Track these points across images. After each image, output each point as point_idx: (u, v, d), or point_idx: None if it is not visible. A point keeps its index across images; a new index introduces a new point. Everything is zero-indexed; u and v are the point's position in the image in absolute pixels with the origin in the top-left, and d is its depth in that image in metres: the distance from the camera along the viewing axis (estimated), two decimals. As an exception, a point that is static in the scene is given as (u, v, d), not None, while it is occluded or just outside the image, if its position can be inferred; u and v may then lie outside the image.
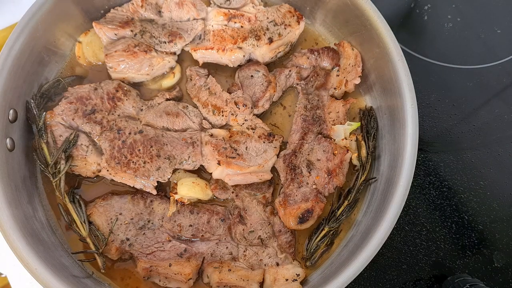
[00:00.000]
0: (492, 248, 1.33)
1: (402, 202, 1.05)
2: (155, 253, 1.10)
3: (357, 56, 1.25)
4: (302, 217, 1.13)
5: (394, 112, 1.15)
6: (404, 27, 1.54)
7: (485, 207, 1.36)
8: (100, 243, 1.09)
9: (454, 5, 1.56)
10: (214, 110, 1.20)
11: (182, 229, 1.12)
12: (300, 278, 1.09)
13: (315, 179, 1.16)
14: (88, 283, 1.05)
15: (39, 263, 0.97)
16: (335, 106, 1.24)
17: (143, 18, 1.24)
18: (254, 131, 1.18)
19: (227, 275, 1.08)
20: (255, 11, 1.27)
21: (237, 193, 1.17)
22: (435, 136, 1.42)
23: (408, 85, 1.11)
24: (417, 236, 1.32)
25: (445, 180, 1.38)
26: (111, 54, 1.17)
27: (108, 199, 1.12)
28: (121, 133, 1.13)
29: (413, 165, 1.08)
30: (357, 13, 1.19)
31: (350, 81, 1.24)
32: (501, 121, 1.45)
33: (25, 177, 1.09)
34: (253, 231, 1.14)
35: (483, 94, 1.48)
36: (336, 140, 1.21)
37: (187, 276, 1.07)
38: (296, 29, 1.27)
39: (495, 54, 1.50)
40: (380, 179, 1.16)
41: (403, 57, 1.13)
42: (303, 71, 1.28)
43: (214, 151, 1.13)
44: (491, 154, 1.41)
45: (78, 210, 1.09)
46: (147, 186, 1.11)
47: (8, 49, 1.06)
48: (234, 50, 1.22)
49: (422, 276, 1.30)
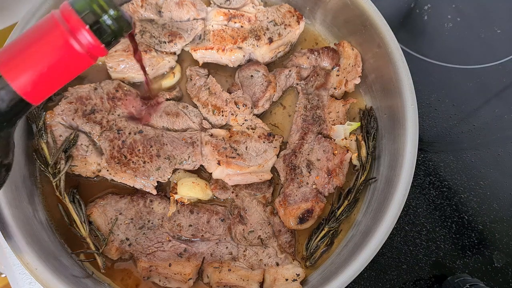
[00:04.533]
0: (492, 248, 1.33)
1: (402, 202, 1.05)
2: (155, 253, 1.10)
3: (357, 56, 1.25)
4: (302, 217, 1.13)
5: (394, 112, 1.15)
6: (404, 27, 1.54)
7: (485, 207, 1.36)
8: (100, 243, 1.09)
9: (454, 5, 1.56)
10: (214, 110, 1.20)
11: (182, 229, 1.12)
12: (300, 278, 1.09)
13: (315, 179, 1.16)
14: (88, 283, 1.05)
15: (39, 263, 0.97)
16: (335, 106, 1.24)
17: (143, 18, 1.24)
18: (254, 131, 1.19)
19: (227, 275, 1.08)
20: (255, 11, 1.27)
21: (237, 193, 1.17)
22: (435, 136, 1.42)
23: (408, 85, 1.11)
24: (417, 236, 1.32)
25: (445, 180, 1.38)
26: (111, 54, 1.17)
27: (108, 199, 1.12)
28: (121, 133, 1.13)
29: (413, 165, 1.08)
30: (357, 13, 1.19)
31: (350, 81, 1.24)
32: (501, 121, 1.45)
33: (25, 177, 1.09)
34: (253, 231, 1.14)
35: (483, 94, 1.48)
36: (336, 140, 1.21)
37: (187, 276, 1.07)
38: (296, 29, 1.27)
39: (495, 54, 1.50)
40: (380, 179, 1.16)
41: (403, 57, 1.13)
42: (303, 71, 1.28)
43: (214, 151, 1.14)
44: (491, 154, 1.41)
45: (78, 210, 1.09)
46: (147, 186, 1.12)
47: (8, 49, 1.06)
48: (234, 50, 1.22)
49: (422, 276, 1.30)
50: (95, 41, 0.66)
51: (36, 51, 0.65)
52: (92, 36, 0.65)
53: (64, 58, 0.66)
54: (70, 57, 0.66)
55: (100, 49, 0.68)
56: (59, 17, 0.65)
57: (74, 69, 0.69)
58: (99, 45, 0.67)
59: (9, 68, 0.65)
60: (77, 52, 0.66)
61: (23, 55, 0.65)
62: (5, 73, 0.64)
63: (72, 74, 0.70)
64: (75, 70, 0.70)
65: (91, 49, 0.66)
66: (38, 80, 0.65)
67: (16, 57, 0.65)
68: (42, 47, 0.65)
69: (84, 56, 0.67)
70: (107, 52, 0.70)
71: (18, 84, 0.65)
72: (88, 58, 0.68)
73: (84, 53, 0.66)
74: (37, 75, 0.65)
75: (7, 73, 0.64)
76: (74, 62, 0.68)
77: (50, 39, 0.65)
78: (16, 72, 0.64)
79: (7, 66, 0.64)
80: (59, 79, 0.69)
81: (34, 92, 0.67)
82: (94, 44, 0.66)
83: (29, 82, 0.65)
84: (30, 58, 0.65)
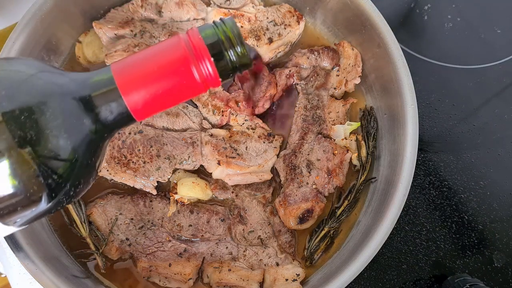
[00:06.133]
0: (492, 248, 1.33)
1: (402, 202, 1.05)
2: (155, 253, 1.10)
3: (357, 56, 1.25)
4: (302, 217, 1.13)
5: (394, 112, 1.15)
6: (404, 27, 1.54)
7: (485, 207, 1.36)
8: (100, 243, 1.09)
9: (454, 5, 1.56)
10: (214, 110, 1.20)
11: (182, 229, 1.12)
12: (300, 278, 1.09)
13: (315, 179, 1.16)
14: (88, 283, 1.05)
15: (39, 263, 0.97)
16: (335, 106, 1.24)
17: (143, 18, 1.24)
18: (254, 131, 1.19)
19: (227, 275, 1.08)
20: (255, 11, 1.27)
21: (237, 193, 1.17)
22: (435, 136, 1.42)
23: (408, 85, 1.11)
24: (417, 236, 1.32)
25: (445, 180, 1.38)
26: (111, 54, 1.17)
27: (108, 199, 1.12)
28: (121, 133, 1.13)
29: (413, 165, 1.08)
30: (357, 13, 1.19)
31: (350, 81, 1.24)
32: (501, 121, 1.45)
33: (25, 177, 1.09)
34: (253, 231, 1.14)
35: (483, 94, 1.48)
36: (336, 140, 1.21)
37: (187, 276, 1.07)
38: (296, 29, 1.27)
39: (495, 54, 1.50)
40: (380, 179, 1.16)
41: (403, 57, 1.13)
42: (303, 71, 1.28)
43: (214, 151, 1.14)
44: (491, 154, 1.41)
45: (78, 210, 1.09)
46: (147, 186, 1.12)
47: (8, 49, 1.06)
48: (234, 50, 1.22)
49: (422, 276, 1.30)
50: (215, 73, 0.64)
51: (156, 71, 0.63)
52: (214, 67, 0.63)
53: (180, 83, 0.64)
54: (186, 83, 0.64)
55: (217, 81, 0.65)
56: (186, 41, 0.63)
57: (186, 95, 0.67)
58: (217, 77, 0.64)
59: (126, 82, 0.62)
60: (194, 79, 0.63)
61: (142, 71, 0.63)
62: (121, 86, 0.62)
63: (181, 99, 0.67)
64: (186, 95, 0.67)
65: (208, 79, 0.64)
66: (150, 99, 0.63)
67: (135, 72, 0.63)
68: (162, 68, 0.63)
69: (199, 84, 0.64)
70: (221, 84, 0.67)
71: (131, 99, 0.63)
72: (202, 87, 0.65)
73: (200, 81, 0.64)
74: (151, 94, 0.63)
75: (123, 87, 0.62)
76: (188, 88, 0.65)
77: (173, 61, 0.63)
78: (132, 88, 0.62)
79: (125, 80, 0.62)
80: (168, 102, 0.67)
81: (143, 110, 0.64)
82: (213, 76, 0.64)
83: (142, 99, 0.63)
84: (148, 76, 0.63)
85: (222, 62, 0.64)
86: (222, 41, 0.64)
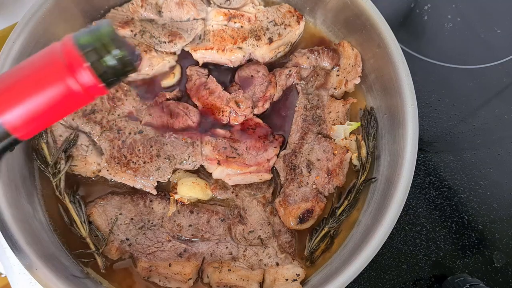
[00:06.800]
0: (492, 248, 1.33)
1: (402, 202, 1.05)
2: (155, 253, 1.10)
3: (357, 56, 1.25)
4: (302, 217, 1.13)
5: (394, 112, 1.15)
6: (404, 27, 1.54)
7: (485, 207, 1.36)
8: (100, 243, 1.09)
9: (454, 5, 1.56)
10: (214, 110, 1.20)
11: (182, 229, 1.12)
12: (300, 278, 1.09)
13: (315, 179, 1.16)
14: (88, 283, 1.05)
15: (39, 263, 0.97)
16: (335, 106, 1.24)
17: (143, 18, 1.24)
18: (254, 131, 1.18)
19: (227, 275, 1.08)
20: (255, 11, 1.27)
21: (237, 193, 1.17)
22: (435, 136, 1.42)
23: (408, 85, 1.11)
24: (417, 236, 1.32)
25: (445, 180, 1.38)
26: (111, 54, 1.17)
27: (108, 199, 1.12)
28: (121, 133, 1.13)
29: (413, 165, 1.08)
30: (357, 13, 1.19)
31: (350, 81, 1.24)
32: (501, 121, 1.45)
33: (25, 177, 1.09)
34: (253, 231, 1.14)
35: (483, 94, 1.48)
36: (336, 140, 1.21)
37: (187, 276, 1.07)
38: (296, 29, 1.27)
39: (495, 54, 1.50)
40: (380, 179, 1.16)
41: (403, 57, 1.13)
42: (303, 71, 1.28)
43: (214, 151, 1.14)
44: (491, 154, 1.41)
45: (78, 210, 1.09)
46: (147, 186, 1.12)
47: (8, 49, 1.06)
48: (234, 50, 1.22)
49: (422, 276, 1.30)
50: (95, 80, 0.61)
51: (30, 86, 0.59)
52: (93, 76, 0.60)
53: (60, 96, 0.60)
54: (66, 95, 0.60)
55: (99, 88, 0.62)
56: (59, 51, 0.60)
57: (70, 107, 0.63)
58: (98, 84, 0.61)
59: None
60: (73, 90, 0.60)
61: (15, 88, 0.59)
62: None
63: (66, 111, 0.64)
64: (71, 108, 0.64)
65: (90, 88, 0.61)
66: (29, 116, 0.60)
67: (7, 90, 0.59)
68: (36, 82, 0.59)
69: (82, 94, 0.61)
70: (108, 91, 0.64)
71: (7, 119, 0.58)
72: (86, 97, 0.62)
73: (81, 91, 0.61)
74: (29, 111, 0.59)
75: None
76: (70, 100, 0.62)
77: (46, 74, 0.59)
78: (6, 106, 0.58)
79: None
80: (52, 116, 0.63)
81: (24, 128, 0.61)
82: (94, 84, 0.61)
83: (20, 117, 0.59)
84: (22, 92, 0.58)
85: (101, 69, 0.61)
86: (97, 48, 0.61)
